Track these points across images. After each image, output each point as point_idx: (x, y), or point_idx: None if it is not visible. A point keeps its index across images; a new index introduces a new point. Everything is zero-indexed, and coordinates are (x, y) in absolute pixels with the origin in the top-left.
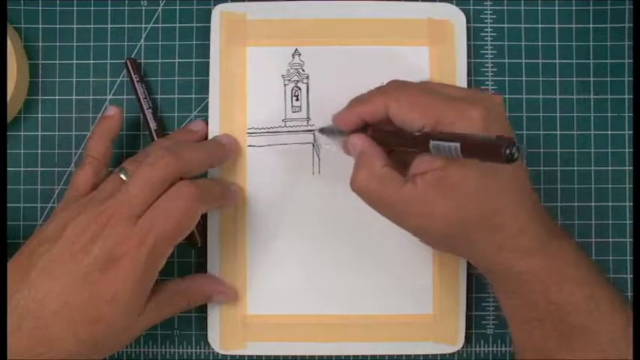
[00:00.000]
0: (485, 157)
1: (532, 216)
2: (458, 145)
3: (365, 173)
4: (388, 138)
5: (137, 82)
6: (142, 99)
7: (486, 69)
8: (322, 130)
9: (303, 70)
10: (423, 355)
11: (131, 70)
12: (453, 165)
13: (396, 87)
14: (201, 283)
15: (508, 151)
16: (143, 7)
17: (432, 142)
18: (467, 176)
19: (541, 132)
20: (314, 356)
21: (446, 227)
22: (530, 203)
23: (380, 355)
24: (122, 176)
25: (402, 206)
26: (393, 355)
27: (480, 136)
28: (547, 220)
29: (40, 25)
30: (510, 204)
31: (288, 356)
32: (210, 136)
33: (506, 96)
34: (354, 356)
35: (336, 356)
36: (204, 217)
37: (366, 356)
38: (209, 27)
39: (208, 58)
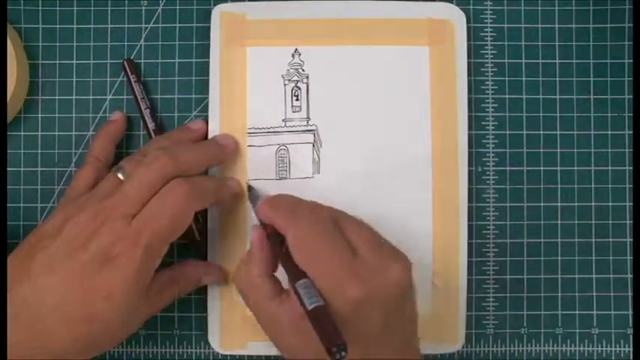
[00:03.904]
0: (319, 335)
1: None
2: (312, 306)
3: (243, 273)
4: (279, 247)
5: (134, 82)
6: (139, 99)
7: (486, 69)
8: (249, 189)
9: (303, 70)
10: (423, 355)
11: (128, 71)
12: None
13: (308, 215)
14: (188, 270)
15: (335, 349)
16: (143, 7)
17: (299, 282)
18: None
19: (541, 132)
20: None
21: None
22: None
23: None
24: (119, 175)
25: (262, 318)
26: None
27: (332, 319)
28: None
29: (40, 25)
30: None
31: None
32: (210, 137)
33: (507, 96)
34: None
35: None
36: (204, 216)
37: None
38: (209, 27)
39: (208, 58)
